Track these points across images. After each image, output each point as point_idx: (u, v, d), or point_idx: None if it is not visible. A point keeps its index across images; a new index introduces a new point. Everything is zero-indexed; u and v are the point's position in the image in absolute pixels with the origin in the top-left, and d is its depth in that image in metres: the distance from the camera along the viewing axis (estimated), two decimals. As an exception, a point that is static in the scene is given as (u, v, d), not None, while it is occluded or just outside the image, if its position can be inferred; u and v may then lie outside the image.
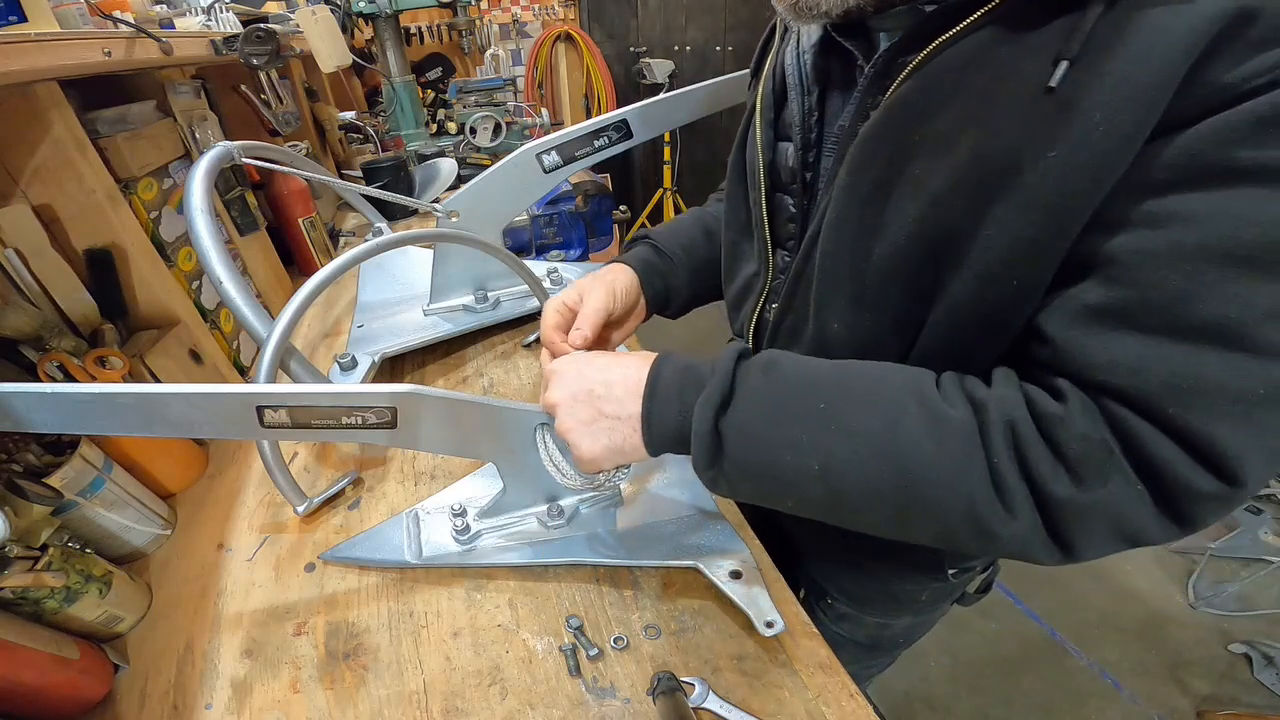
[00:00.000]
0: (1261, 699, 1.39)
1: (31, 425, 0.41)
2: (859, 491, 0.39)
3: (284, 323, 0.59)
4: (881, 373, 0.41)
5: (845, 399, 0.40)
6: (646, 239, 0.71)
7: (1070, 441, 0.34)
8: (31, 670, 0.47)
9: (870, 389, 0.40)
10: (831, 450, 0.39)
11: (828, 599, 0.77)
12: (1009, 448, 0.36)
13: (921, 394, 0.39)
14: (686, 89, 0.83)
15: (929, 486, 0.37)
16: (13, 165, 0.64)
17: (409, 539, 0.61)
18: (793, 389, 0.41)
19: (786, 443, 0.40)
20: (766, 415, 0.41)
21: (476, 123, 1.70)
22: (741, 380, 0.42)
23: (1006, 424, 0.36)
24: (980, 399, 0.37)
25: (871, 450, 0.38)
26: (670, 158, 3.41)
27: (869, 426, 0.38)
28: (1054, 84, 0.33)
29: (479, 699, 0.48)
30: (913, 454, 0.37)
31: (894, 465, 0.37)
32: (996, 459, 0.36)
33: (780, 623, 0.48)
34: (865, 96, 0.44)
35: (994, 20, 0.36)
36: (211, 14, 1.13)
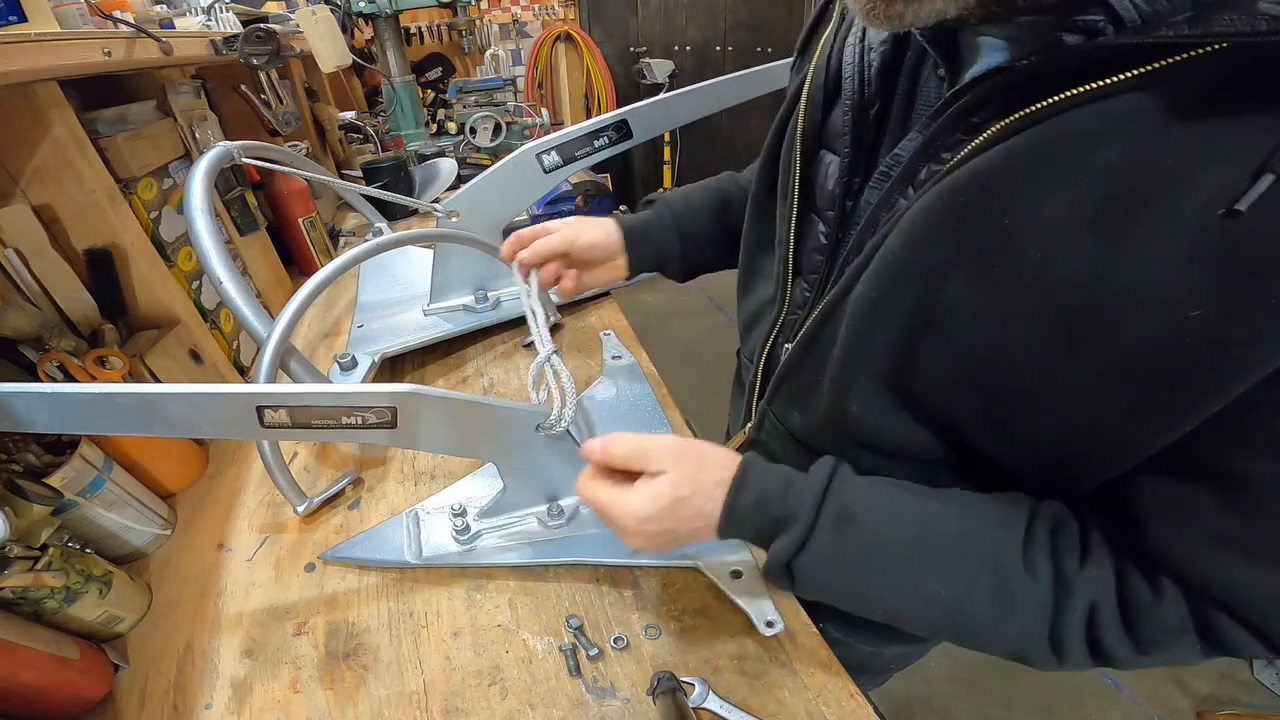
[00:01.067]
0: (1261, 699, 1.39)
1: (31, 425, 0.41)
2: (917, 629, 0.42)
3: (284, 323, 0.59)
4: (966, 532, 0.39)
5: (915, 568, 0.40)
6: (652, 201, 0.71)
7: (1147, 629, 0.34)
8: (31, 670, 0.47)
9: (945, 555, 0.39)
10: (895, 607, 0.41)
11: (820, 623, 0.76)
12: (1082, 625, 0.36)
13: (999, 563, 0.37)
14: (688, 88, 0.83)
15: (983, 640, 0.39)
16: (13, 165, 0.64)
17: (409, 539, 0.61)
18: (866, 549, 0.40)
19: (852, 593, 0.42)
20: (835, 570, 0.41)
21: (476, 123, 1.70)
22: (818, 531, 0.40)
23: (1089, 606, 0.36)
24: (1068, 577, 0.36)
25: (933, 615, 0.40)
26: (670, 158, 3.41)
27: (935, 594, 0.39)
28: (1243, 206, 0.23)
29: (479, 699, 0.48)
30: (973, 623, 0.39)
31: (953, 625, 0.40)
32: (1064, 631, 0.36)
33: (780, 623, 0.48)
34: (941, 131, 0.35)
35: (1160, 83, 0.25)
36: (211, 14, 1.13)
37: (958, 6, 0.28)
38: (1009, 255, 0.30)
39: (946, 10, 0.29)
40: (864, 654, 0.75)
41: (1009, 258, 0.30)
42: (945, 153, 0.35)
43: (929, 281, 0.34)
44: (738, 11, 3.40)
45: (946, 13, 0.29)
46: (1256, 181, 0.23)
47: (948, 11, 0.29)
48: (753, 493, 0.42)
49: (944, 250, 0.33)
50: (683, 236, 0.70)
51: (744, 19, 3.43)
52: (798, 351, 0.47)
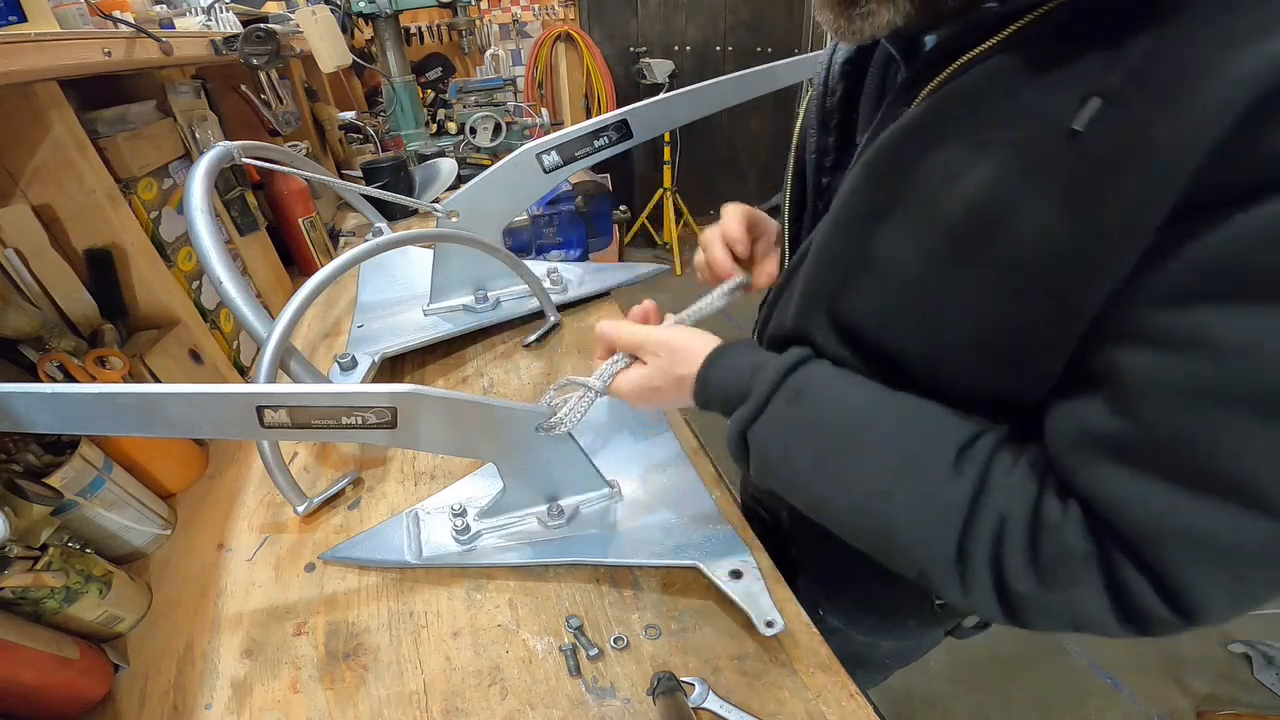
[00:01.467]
0: (1261, 699, 1.39)
1: (32, 425, 0.41)
2: (840, 527, 0.42)
3: (284, 323, 0.59)
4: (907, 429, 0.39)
5: (849, 450, 0.40)
6: None
7: (1049, 551, 0.33)
8: (31, 670, 0.47)
9: (879, 444, 0.39)
10: (825, 493, 0.42)
11: (819, 611, 0.75)
12: (989, 539, 0.35)
13: (928, 461, 0.37)
14: (686, 89, 0.83)
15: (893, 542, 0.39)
16: (13, 165, 0.65)
17: (409, 539, 0.61)
18: (807, 426, 0.42)
19: (793, 469, 0.43)
20: (781, 444, 0.43)
21: (476, 123, 1.70)
22: (771, 406, 0.43)
23: (1000, 516, 0.35)
24: (989, 483, 0.35)
25: (858, 504, 0.40)
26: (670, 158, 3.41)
27: (865, 483, 0.39)
28: (1078, 126, 0.28)
29: (479, 699, 0.48)
30: (890, 515, 0.38)
31: (871, 522, 0.39)
32: (969, 541, 0.35)
33: (780, 622, 0.48)
34: (890, 109, 0.41)
35: (1024, 41, 0.31)
36: (211, 14, 1.13)
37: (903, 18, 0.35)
38: (918, 195, 0.36)
39: (895, 21, 0.35)
40: (860, 645, 0.75)
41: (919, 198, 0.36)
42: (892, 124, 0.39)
43: (865, 226, 0.40)
44: (738, 11, 3.40)
45: (895, 23, 0.35)
46: (1085, 104, 0.28)
47: (896, 22, 0.35)
48: (720, 370, 0.46)
49: (876, 199, 0.39)
50: None
51: (744, 19, 3.43)
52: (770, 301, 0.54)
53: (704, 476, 0.64)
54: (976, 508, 0.35)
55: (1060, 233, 0.30)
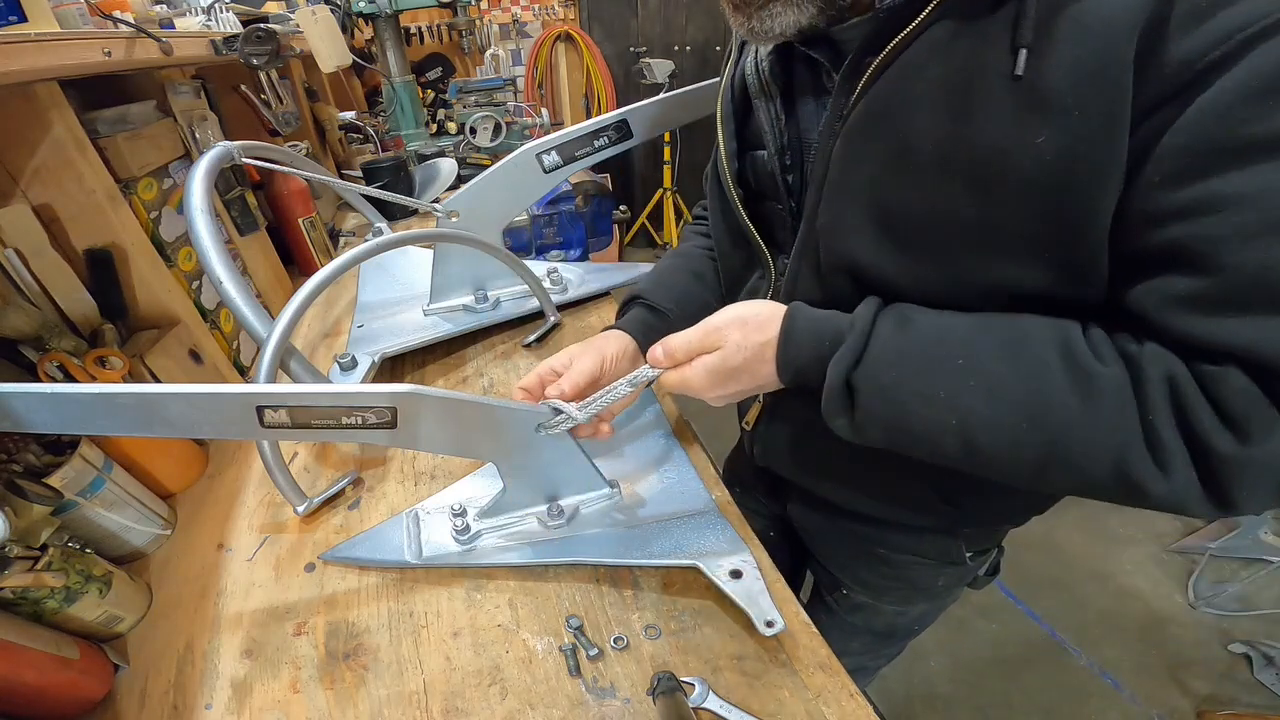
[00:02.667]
0: (1261, 699, 1.39)
1: (32, 425, 0.41)
2: (997, 446, 0.39)
3: (284, 323, 0.59)
4: (1023, 325, 0.39)
5: (983, 354, 0.39)
6: (639, 299, 0.69)
7: (1233, 397, 0.33)
8: (31, 670, 0.47)
9: (1010, 342, 0.39)
10: (970, 407, 0.39)
11: (842, 589, 0.78)
12: (1168, 404, 0.34)
13: (1067, 348, 0.37)
14: (686, 89, 0.83)
15: (1074, 444, 0.37)
16: (13, 165, 0.64)
17: (409, 539, 0.61)
18: (929, 344, 0.41)
19: (921, 398, 0.40)
20: (901, 370, 0.41)
21: (476, 123, 1.70)
22: (876, 335, 0.42)
23: (1166, 379, 0.35)
24: (1133, 354, 0.36)
25: (1011, 407, 0.38)
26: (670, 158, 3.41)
27: (1009, 383, 0.38)
28: (1020, 71, 0.34)
29: (479, 699, 0.48)
30: (1057, 411, 0.36)
31: (1036, 423, 0.37)
32: (1153, 416, 0.35)
33: (780, 622, 0.48)
34: (838, 99, 0.45)
35: (945, 15, 0.37)
36: (211, 14, 1.13)
37: (807, 17, 0.41)
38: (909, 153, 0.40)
39: (800, 21, 0.42)
40: (890, 615, 0.78)
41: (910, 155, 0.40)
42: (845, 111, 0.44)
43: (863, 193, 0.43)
44: (738, 11, 3.40)
45: (800, 23, 0.42)
46: (1018, 55, 0.34)
47: (801, 22, 0.42)
48: (806, 321, 0.46)
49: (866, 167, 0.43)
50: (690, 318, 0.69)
51: (744, 19, 3.43)
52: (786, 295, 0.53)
53: (704, 476, 0.64)
54: (1140, 381, 0.35)
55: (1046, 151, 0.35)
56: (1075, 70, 0.33)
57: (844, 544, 0.74)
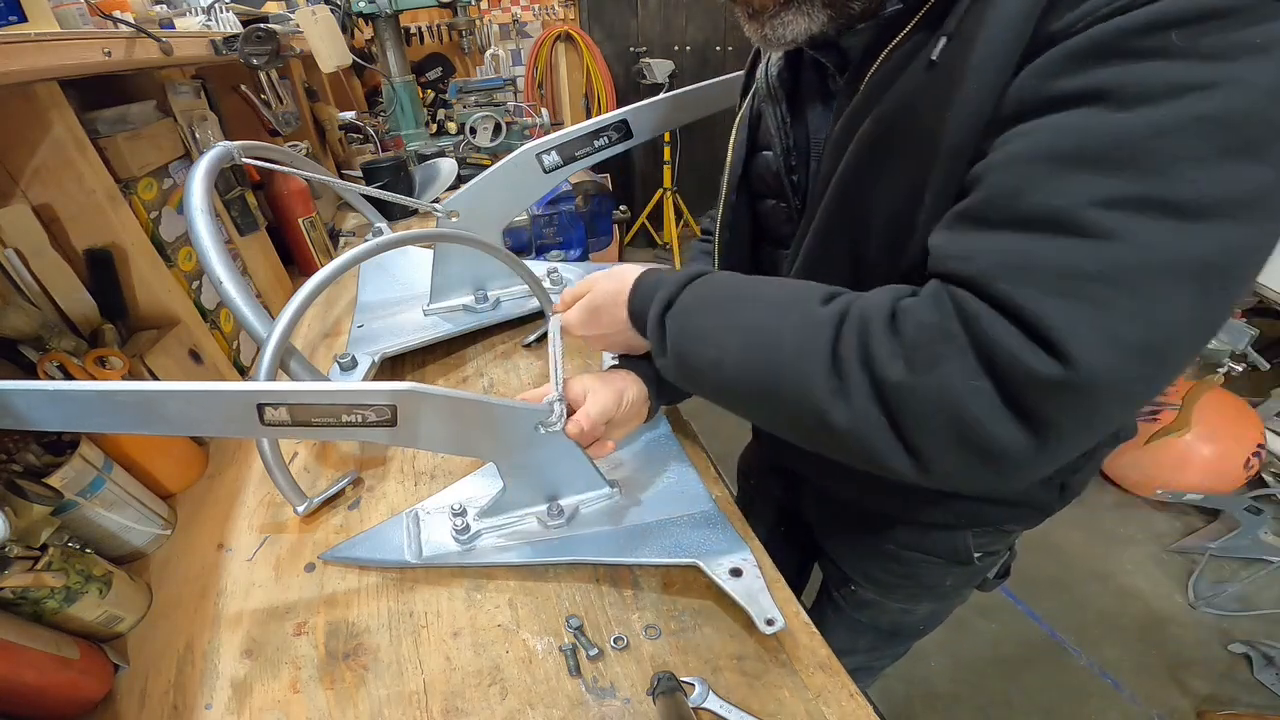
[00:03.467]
0: (1261, 699, 1.39)
1: (33, 423, 0.41)
2: (737, 379, 0.44)
3: (284, 323, 0.59)
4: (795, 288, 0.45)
5: (751, 302, 0.45)
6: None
7: (908, 327, 0.36)
8: (31, 670, 0.47)
9: (776, 296, 0.44)
10: (725, 342, 0.45)
11: (850, 585, 0.78)
12: (856, 335, 0.38)
13: (813, 298, 0.42)
14: (686, 89, 0.83)
15: (781, 372, 0.41)
16: (13, 165, 0.65)
17: (409, 539, 0.61)
18: (718, 292, 0.47)
19: (700, 333, 0.47)
20: (694, 311, 0.48)
21: (476, 123, 1.70)
22: (691, 285, 0.49)
23: (861, 317, 0.38)
24: (855, 300, 0.40)
25: (750, 341, 0.43)
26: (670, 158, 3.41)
27: (755, 322, 0.43)
28: (935, 57, 0.39)
29: (479, 699, 0.48)
30: (776, 345, 0.41)
31: (761, 355, 0.42)
32: (840, 346, 0.38)
33: (780, 620, 0.48)
34: (843, 101, 0.48)
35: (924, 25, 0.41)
36: (211, 14, 1.13)
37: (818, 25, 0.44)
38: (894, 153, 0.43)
39: (811, 29, 0.44)
40: (896, 613, 0.79)
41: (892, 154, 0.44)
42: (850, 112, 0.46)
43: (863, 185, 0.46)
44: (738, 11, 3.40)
45: (811, 30, 0.44)
46: (938, 43, 0.39)
47: (812, 30, 0.44)
48: (654, 274, 0.53)
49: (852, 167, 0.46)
50: None
51: (744, 19, 3.43)
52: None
53: (704, 476, 0.64)
54: (844, 319, 0.39)
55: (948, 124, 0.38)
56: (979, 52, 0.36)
57: (854, 539, 0.74)
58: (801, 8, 0.43)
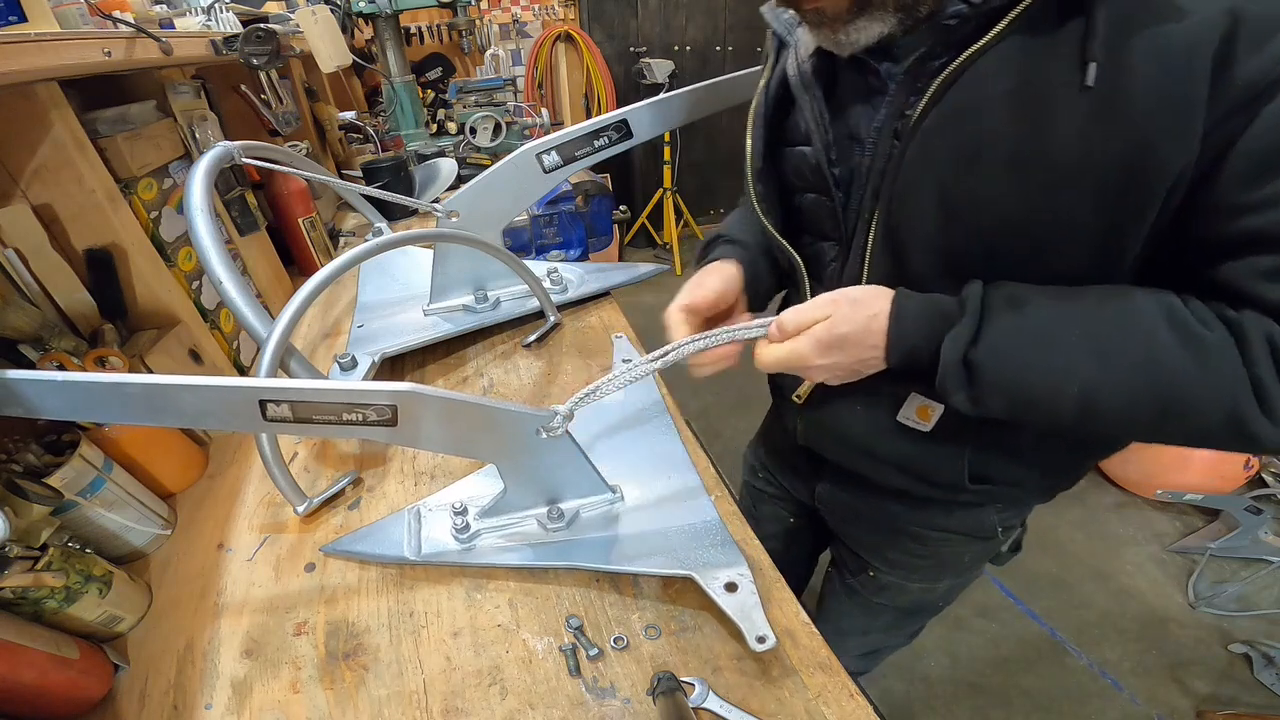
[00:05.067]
0: (1261, 699, 1.39)
1: (42, 412, 0.42)
2: (1116, 408, 0.43)
3: (284, 323, 0.59)
4: (1126, 297, 0.44)
5: (1098, 326, 0.43)
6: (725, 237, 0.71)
7: None
8: (31, 670, 0.47)
9: (1120, 314, 0.43)
10: (1089, 375, 0.43)
11: (869, 572, 0.80)
12: (1269, 358, 0.39)
13: (1172, 315, 0.42)
14: (686, 89, 0.83)
15: (1188, 399, 0.41)
16: (13, 165, 0.64)
17: (409, 535, 0.61)
18: (1045, 320, 0.45)
19: (1042, 370, 0.44)
20: (1019, 345, 0.45)
21: (476, 123, 1.70)
22: (990, 313, 0.46)
23: (1266, 339, 0.40)
24: (1232, 319, 0.41)
25: (1129, 371, 0.42)
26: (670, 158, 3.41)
27: (1125, 349, 0.42)
28: (1090, 83, 0.39)
29: (479, 699, 0.48)
30: (1171, 372, 0.41)
31: (1152, 383, 0.42)
32: (1258, 369, 0.40)
33: (772, 638, 0.47)
34: (900, 98, 0.49)
35: (1015, 30, 0.41)
36: (211, 14, 1.13)
37: (889, 28, 0.45)
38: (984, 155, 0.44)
39: (882, 32, 0.45)
40: (917, 593, 0.80)
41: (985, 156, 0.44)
42: (908, 111, 0.47)
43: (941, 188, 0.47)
44: (737, 11, 3.40)
45: (883, 34, 0.45)
46: (1087, 68, 0.39)
47: (883, 33, 0.45)
48: (916, 303, 0.49)
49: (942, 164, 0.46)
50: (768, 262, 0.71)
51: (744, 19, 3.43)
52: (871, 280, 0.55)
53: (705, 480, 0.64)
54: (1243, 341, 0.40)
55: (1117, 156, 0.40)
56: (1153, 85, 0.38)
57: (875, 524, 0.75)
58: (874, 14, 0.44)
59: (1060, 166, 0.42)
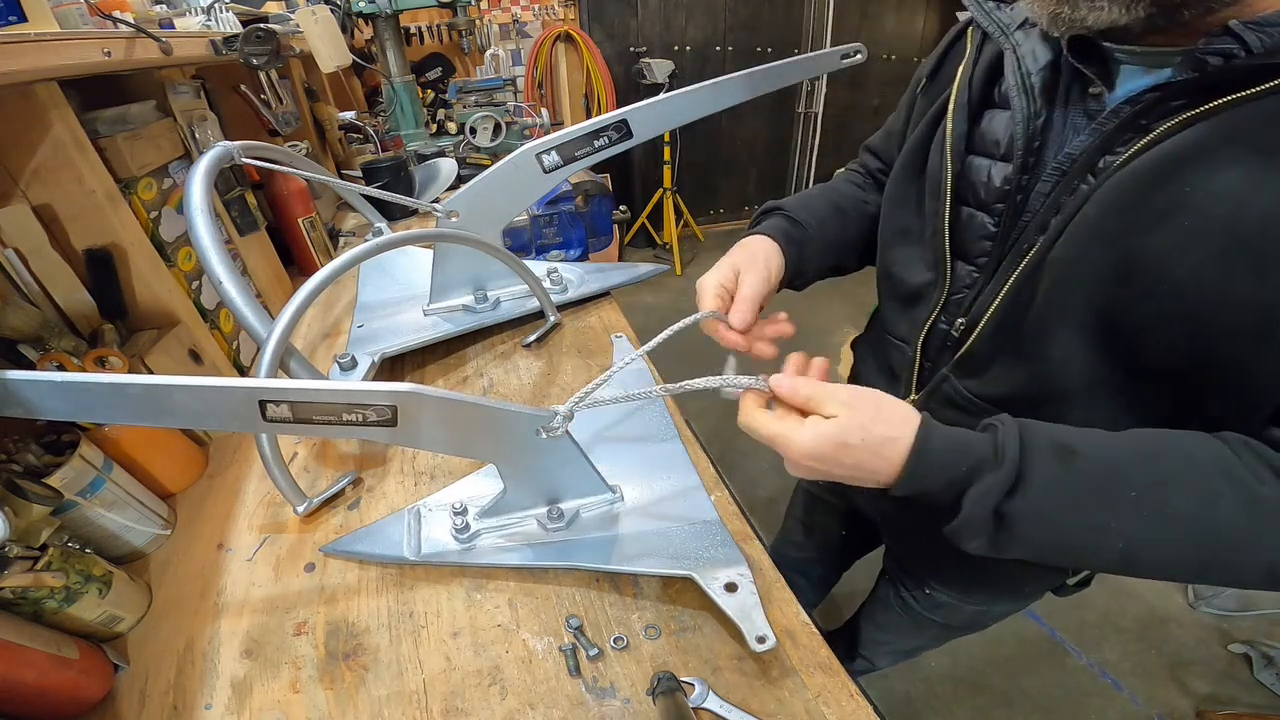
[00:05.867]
0: (1261, 699, 1.39)
1: (43, 412, 0.42)
2: (1160, 562, 0.41)
3: (284, 323, 0.59)
4: (1182, 450, 0.41)
5: (1157, 485, 0.40)
6: (778, 210, 0.69)
7: None
8: (31, 670, 0.47)
9: (1177, 471, 0.40)
10: (1141, 534, 0.40)
11: (925, 589, 0.79)
12: None
13: (1230, 473, 0.39)
14: (687, 89, 0.83)
15: (1236, 557, 0.40)
16: (13, 165, 0.64)
17: (409, 535, 0.61)
18: (1098, 477, 0.41)
19: (1090, 527, 0.41)
20: (1067, 503, 0.40)
21: (476, 123, 1.70)
22: (1032, 467, 0.41)
23: None
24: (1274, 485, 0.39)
25: (1184, 532, 0.40)
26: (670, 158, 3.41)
27: (1181, 513, 0.39)
28: None
29: (479, 699, 0.48)
30: (1225, 532, 0.39)
31: (1205, 543, 0.39)
32: None
33: (772, 638, 0.47)
34: (1116, 132, 0.44)
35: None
36: (211, 14, 1.13)
37: (1128, 16, 0.38)
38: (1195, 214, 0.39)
39: (1119, 20, 0.39)
40: (971, 614, 0.79)
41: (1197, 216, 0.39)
42: (1119, 148, 0.43)
43: (1125, 240, 0.42)
44: (737, 11, 3.40)
45: (1118, 21, 0.39)
46: None
47: (1119, 20, 0.39)
48: (943, 439, 0.42)
49: (1136, 215, 0.42)
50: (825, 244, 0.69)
51: (744, 19, 3.43)
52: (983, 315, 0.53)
53: (705, 480, 0.64)
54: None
55: None
56: None
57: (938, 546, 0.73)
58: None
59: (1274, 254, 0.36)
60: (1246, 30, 0.36)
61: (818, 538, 0.99)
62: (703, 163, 3.79)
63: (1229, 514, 0.39)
